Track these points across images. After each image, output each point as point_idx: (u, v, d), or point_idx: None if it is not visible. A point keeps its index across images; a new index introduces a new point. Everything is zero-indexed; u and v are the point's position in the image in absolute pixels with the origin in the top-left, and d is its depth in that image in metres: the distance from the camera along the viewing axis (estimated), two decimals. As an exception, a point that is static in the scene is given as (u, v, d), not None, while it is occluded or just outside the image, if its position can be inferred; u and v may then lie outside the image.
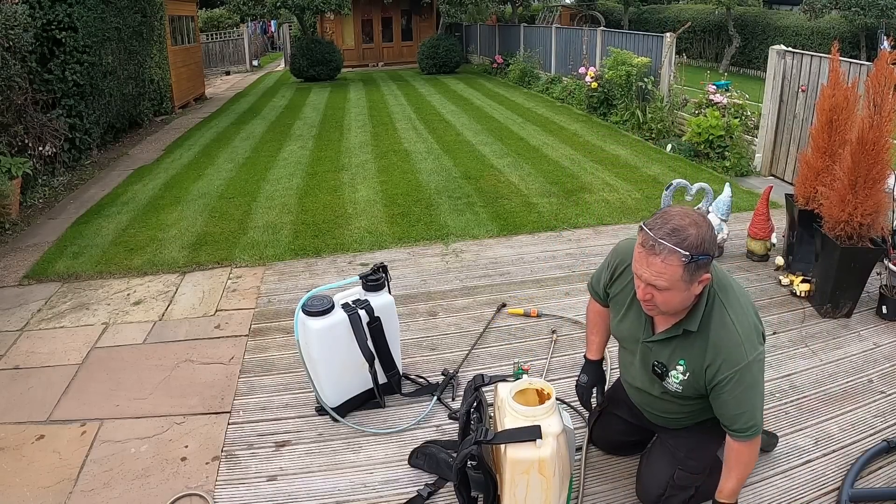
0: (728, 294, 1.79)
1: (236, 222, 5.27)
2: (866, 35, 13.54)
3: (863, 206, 3.19)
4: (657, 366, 1.91)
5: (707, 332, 1.78)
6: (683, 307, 1.77)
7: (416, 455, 2.39)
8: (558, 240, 4.69)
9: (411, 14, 20.52)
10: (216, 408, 2.79)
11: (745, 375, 1.73)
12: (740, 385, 1.73)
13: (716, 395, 1.79)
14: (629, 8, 20.17)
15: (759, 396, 1.77)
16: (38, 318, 3.71)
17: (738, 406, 1.75)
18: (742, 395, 1.74)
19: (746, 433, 1.75)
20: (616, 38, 9.88)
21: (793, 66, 5.87)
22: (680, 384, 1.87)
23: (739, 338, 1.73)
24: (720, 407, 1.80)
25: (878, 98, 3.09)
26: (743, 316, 1.77)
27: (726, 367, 1.74)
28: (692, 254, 1.62)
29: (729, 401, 1.76)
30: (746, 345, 1.73)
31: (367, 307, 2.62)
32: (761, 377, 1.77)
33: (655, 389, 1.98)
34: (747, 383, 1.74)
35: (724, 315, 1.76)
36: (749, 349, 1.73)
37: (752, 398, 1.75)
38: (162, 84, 10.69)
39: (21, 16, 6.03)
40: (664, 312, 1.79)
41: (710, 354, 1.77)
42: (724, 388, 1.75)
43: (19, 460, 2.48)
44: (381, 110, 11.04)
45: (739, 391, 1.74)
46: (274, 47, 27.42)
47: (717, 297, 1.78)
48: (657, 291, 1.69)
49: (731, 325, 1.75)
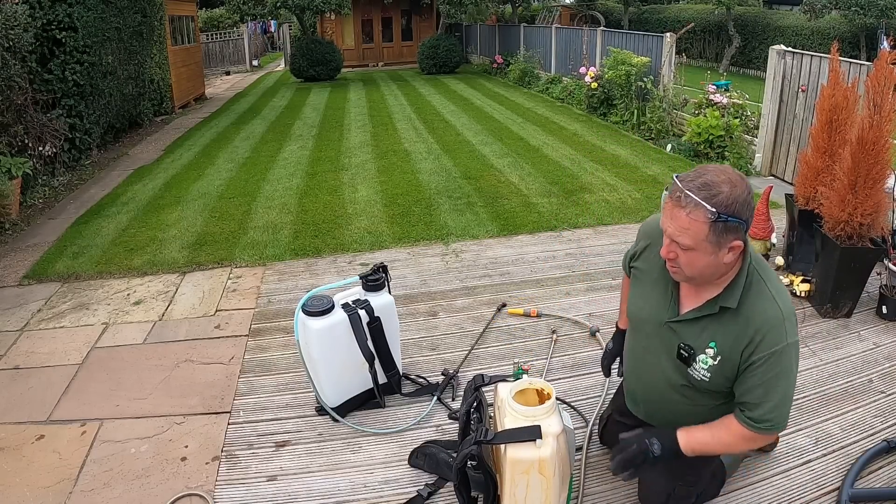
0: (767, 271, 1.67)
1: (236, 222, 5.27)
2: (866, 35, 13.54)
3: (863, 206, 3.19)
4: (683, 349, 1.74)
5: (746, 309, 1.63)
6: (711, 275, 1.63)
7: (416, 455, 2.39)
8: (558, 240, 4.69)
9: (411, 14, 20.52)
10: (216, 408, 2.79)
11: (782, 359, 1.60)
12: (774, 368, 1.60)
13: (744, 379, 1.65)
14: (629, 8, 20.18)
15: (790, 388, 1.63)
16: (38, 318, 3.71)
17: (765, 393, 1.61)
18: (773, 382, 1.60)
19: (763, 424, 1.62)
20: (616, 38, 9.88)
21: (793, 66, 5.87)
22: (708, 370, 1.71)
23: (782, 315, 1.60)
24: (746, 392, 1.65)
25: (877, 98, 3.09)
26: (784, 294, 1.64)
27: (764, 347, 1.60)
28: (719, 212, 1.49)
29: (757, 385, 1.62)
30: (787, 324, 1.60)
31: (367, 307, 2.62)
32: (795, 368, 1.64)
33: (676, 379, 1.81)
34: (782, 369, 1.60)
35: (764, 290, 1.63)
36: (790, 330, 1.61)
37: (783, 387, 1.61)
38: (162, 84, 10.69)
39: (21, 16, 6.03)
40: (689, 278, 1.65)
41: (749, 331, 1.62)
42: (756, 371, 1.62)
43: (19, 460, 2.48)
44: (381, 110, 11.04)
45: (772, 375, 1.60)
46: (274, 47, 27.42)
47: (756, 273, 1.65)
48: (681, 251, 1.58)
49: (773, 300, 1.62)
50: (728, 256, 1.58)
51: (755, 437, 1.68)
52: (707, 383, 1.73)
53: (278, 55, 24.93)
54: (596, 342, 3.20)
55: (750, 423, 1.65)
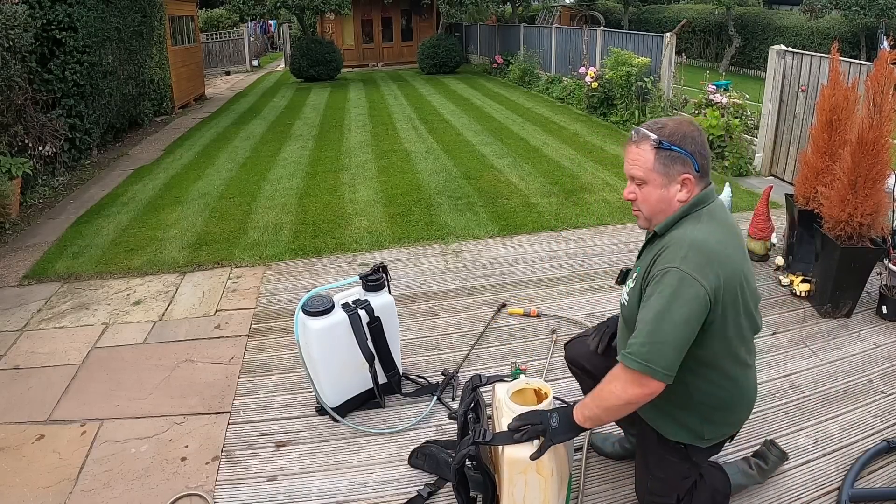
0: (710, 220, 1.64)
1: (236, 222, 5.27)
2: (866, 35, 13.54)
3: (863, 206, 3.19)
4: (622, 274, 1.91)
5: (668, 235, 1.66)
6: (664, 212, 1.67)
7: (416, 455, 2.39)
8: (558, 240, 4.69)
9: (411, 14, 20.52)
10: (216, 408, 2.79)
11: (664, 280, 1.56)
12: (656, 289, 1.58)
13: (645, 300, 1.63)
14: (629, 8, 20.18)
15: (666, 323, 1.53)
16: (38, 318, 3.71)
17: (641, 319, 1.59)
18: (651, 304, 1.57)
19: (628, 353, 1.56)
20: (616, 38, 9.88)
21: (793, 66, 5.87)
22: (629, 293, 1.74)
23: (686, 247, 1.58)
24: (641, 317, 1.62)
25: (877, 98, 3.09)
26: (710, 234, 1.61)
27: (658, 264, 1.61)
28: (661, 138, 1.60)
29: (642, 308, 1.61)
30: (689, 255, 1.56)
31: (367, 307, 2.62)
32: (680, 309, 1.53)
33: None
34: (664, 294, 1.55)
35: (693, 224, 1.63)
36: (688, 263, 1.55)
37: (658, 315, 1.54)
38: (162, 84, 10.70)
39: (21, 16, 6.03)
40: (648, 219, 1.70)
41: (656, 250, 1.66)
42: (646, 291, 1.62)
43: (19, 460, 2.48)
44: (381, 110, 11.04)
45: (653, 297, 1.57)
46: (274, 47, 27.43)
47: (701, 215, 1.65)
48: (638, 189, 1.67)
49: (688, 234, 1.61)
50: (681, 193, 1.64)
51: (620, 375, 1.60)
52: (627, 308, 1.75)
53: (278, 55, 24.93)
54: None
55: (621, 355, 1.60)
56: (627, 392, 1.58)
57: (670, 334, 1.53)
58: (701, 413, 1.75)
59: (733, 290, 1.60)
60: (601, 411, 1.66)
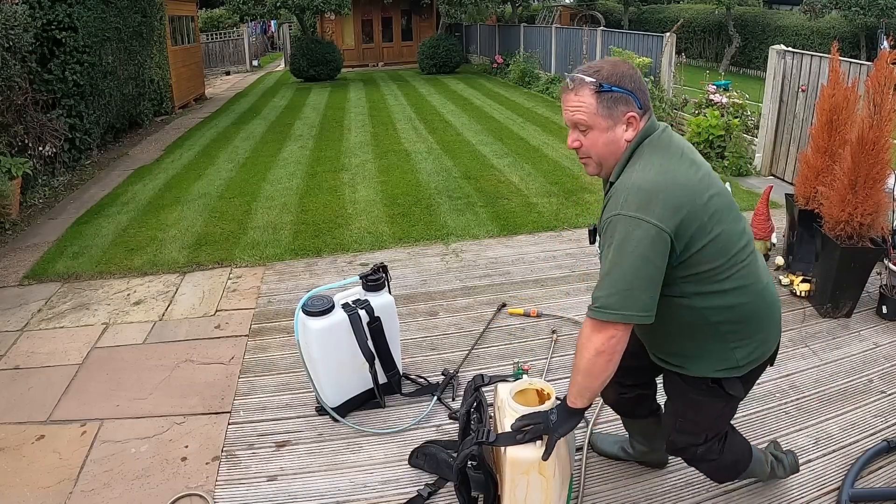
0: (655, 152, 1.59)
1: (236, 222, 5.27)
2: (866, 35, 13.55)
3: (863, 205, 3.19)
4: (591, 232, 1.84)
5: (618, 182, 1.60)
6: (613, 155, 1.62)
7: (417, 455, 2.39)
8: (558, 240, 4.69)
9: (411, 14, 20.52)
10: (216, 408, 2.79)
11: (612, 230, 1.54)
12: (606, 240, 1.56)
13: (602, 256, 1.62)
14: (629, 8, 20.18)
15: (624, 269, 1.50)
16: (38, 318, 3.71)
17: (602, 270, 1.57)
18: (606, 255, 1.55)
19: (595, 306, 1.54)
20: (616, 38, 9.89)
21: (793, 66, 5.87)
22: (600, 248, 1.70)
23: (625, 191, 1.54)
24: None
25: (878, 98, 3.09)
26: (654, 168, 1.55)
27: (604, 216, 1.59)
28: (600, 81, 1.57)
29: (602, 261, 1.59)
30: (629, 199, 1.52)
31: (367, 307, 2.62)
32: (633, 252, 1.50)
33: None
34: (615, 243, 1.52)
35: (639, 163, 1.58)
36: (629, 206, 1.51)
37: (613, 264, 1.52)
38: (162, 84, 10.70)
39: (21, 16, 6.03)
40: (598, 166, 1.66)
41: (605, 203, 1.64)
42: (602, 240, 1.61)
43: (19, 460, 2.48)
44: (381, 110, 11.04)
45: (606, 247, 1.56)
46: (274, 47, 27.42)
47: (645, 150, 1.60)
48: (582, 136, 1.62)
49: (629, 178, 1.57)
50: (628, 132, 1.60)
51: (592, 325, 1.56)
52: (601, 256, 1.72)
53: (278, 55, 24.93)
54: (596, 342, 3.19)
55: (589, 311, 1.57)
56: (604, 344, 1.54)
57: (632, 278, 1.50)
58: (727, 334, 1.66)
59: (696, 213, 1.53)
60: (585, 378, 1.60)
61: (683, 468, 2.28)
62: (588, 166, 1.70)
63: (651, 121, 1.63)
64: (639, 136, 1.61)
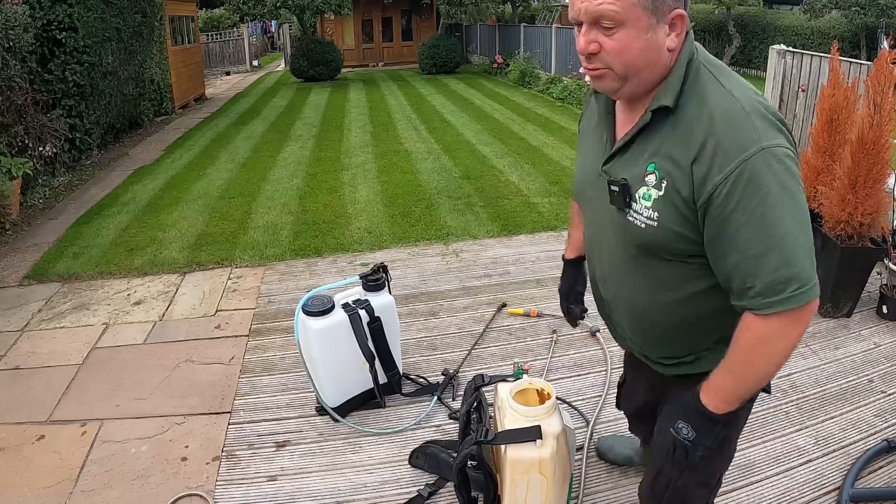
0: (721, 67, 1.19)
1: (237, 222, 5.27)
2: (866, 35, 13.55)
3: (863, 205, 3.19)
4: (616, 188, 1.22)
5: (689, 108, 1.14)
6: (649, 68, 1.14)
7: (417, 455, 2.39)
8: (559, 240, 4.69)
9: (411, 14, 20.53)
10: (216, 408, 2.79)
11: (763, 174, 1.04)
12: (756, 194, 1.05)
13: (716, 227, 1.10)
14: (629, 8, 20.14)
15: (803, 220, 1.08)
16: (38, 318, 3.71)
17: (758, 239, 1.06)
18: (764, 216, 1.05)
19: (789, 289, 1.06)
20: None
21: (793, 66, 5.87)
22: (653, 208, 1.17)
23: (742, 108, 1.09)
24: (726, 253, 1.10)
25: (878, 97, 3.09)
26: (747, 88, 1.15)
27: (724, 157, 1.06)
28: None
29: (740, 232, 1.07)
30: (756, 120, 1.07)
31: (367, 307, 2.62)
32: (797, 190, 1.07)
33: (624, 247, 1.29)
34: (769, 191, 1.04)
35: (713, 83, 1.15)
36: (763, 129, 1.07)
37: (782, 221, 1.05)
38: (162, 84, 10.70)
39: (21, 16, 6.03)
40: (621, 81, 1.16)
41: (698, 134, 1.11)
42: (727, 205, 1.07)
43: (20, 460, 2.48)
44: (382, 110, 11.04)
45: (755, 206, 1.05)
46: (274, 47, 27.43)
47: (703, 68, 1.17)
48: (606, 36, 1.11)
49: (729, 94, 1.12)
50: (670, 38, 1.14)
51: (787, 318, 1.09)
52: (656, 232, 1.18)
53: (278, 55, 24.94)
54: (596, 342, 3.20)
55: (766, 302, 1.08)
56: (794, 338, 1.13)
57: (809, 231, 1.09)
58: None
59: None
60: (758, 382, 1.18)
61: (683, 468, 2.28)
62: (603, 79, 1.17)
63: (690, 35, 1.20)
64: (687, 50, 1.17)
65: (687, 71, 1.16)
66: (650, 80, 1.17)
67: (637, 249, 1.26)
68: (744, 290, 1.11)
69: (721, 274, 1.15)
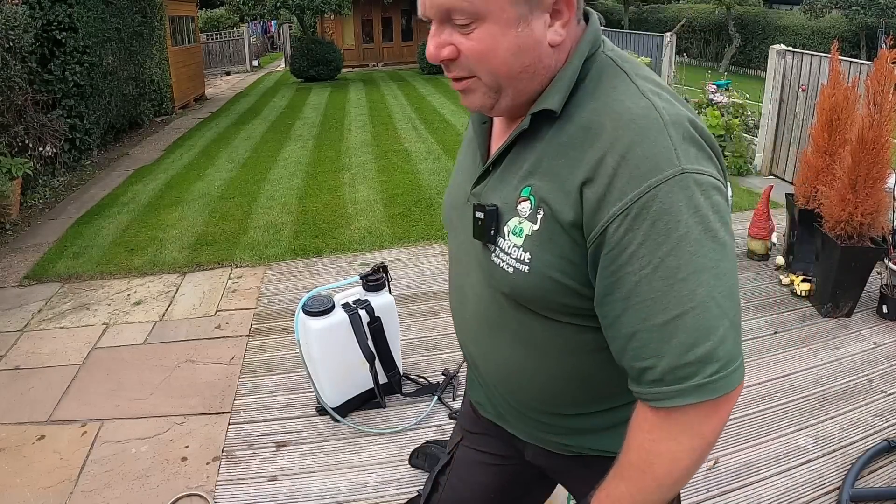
0: (638, 66, 0.87)
1: (237, 222, 5.27)
2: (866, 34, 13.55)
3: (863, 205, 3.19)
4: (481, 216, 0.90)
5: (583, 111, 0.83)
6: (525, 72, 0.83)
7: (417, 455, 2.39)
8: (558, 240, 4.68)
9: (411, 14, 20.52)
10: (217, 408, 2.79)
11: (680, 208, 0.74)
12: (667, 235, 0.74)
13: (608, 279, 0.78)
14: (629, 8, 20.18)
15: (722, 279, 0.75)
16: (38, 318, 3.71)
17: (666, 301, 0.74)
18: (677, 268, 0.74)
19: (690, 381, 0.75)
20: (616, 37, 9.88)
21: (793, 66, 5.87)
22: (525, 246, 0.85)
23: (659, 116, 0.78)
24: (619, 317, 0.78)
25: (878, 97, 3.09)
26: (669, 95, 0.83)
27: (628, 177, 0.75)
28: None
29: (640, 288, 0.75)
30: (676, 133, 0.77)
31: (367, 307, 2.62)
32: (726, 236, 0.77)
33: (489, 292, 0.96)
34: (686, 233, 0.74)
35: (621, 82, 0.83)
36: (684, 148, 0.76)
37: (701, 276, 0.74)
38: (162, 84, 10.70)
39: (21, 16, 6.04)
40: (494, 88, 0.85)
41: (591, 147, 0.80)
42: (625, 247, 0.76)
43: (20, 461, 2.48)
44: (382, 110, 11.04)
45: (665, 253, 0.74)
46: (274, 47, 27.44)
47: (610, 64, 0.86)
48: (462, 35, 0.82)
49: (641, 95, 0.80)
50: (554, 30, 0.83)
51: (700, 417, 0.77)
52: (527, 279, 0.85)
53: (278, 55, 24.94)
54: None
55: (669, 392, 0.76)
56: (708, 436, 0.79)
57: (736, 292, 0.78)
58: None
59: None
60: (660, 493, 0.83)
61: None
62: (472, 93, 0.87)
63: (593, 22, 0.88)
64: (586, 42, 0.85)
65: (585, 68, 0.85)
66: (532, 89, 0.86)
67: (506, 300, 0.92)
68: (641, 372, 0.78)
69: (613, 345, 0.81)
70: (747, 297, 3.64)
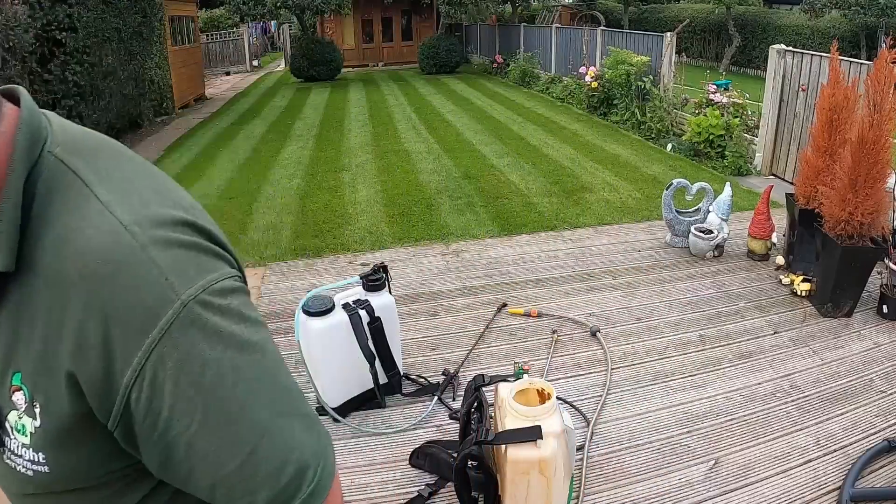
0: (98, 154, 0.68)
1: (237, 222, 5.27)
2: (866, 34, 13.55)
3: (863, 205, 3.19)
4: None
5: (46, 258, 0.62)
6: None
7: (417, 455, 2.39)
8: (559, 239, 4.69)
9: (411, 14, 20.53)
10: (217, 408, 2.78)
11: (198, 345, 0.61)
12: (198, 382, 0.61)
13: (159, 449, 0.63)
14: (629, 7, 20.18)
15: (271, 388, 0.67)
16: (38, 318, 3.71)
17: (230, 446, 0.63)
18: (221, 410, 0.63)
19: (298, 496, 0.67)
20: (616, 37, 9.88)
21: (793, 66, 5.87)
22: (34, 446, 0.65)
23: (132, 241, 0.61)
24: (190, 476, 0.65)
25: (878, 97, 3.09)
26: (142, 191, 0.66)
27: (125, 340, 0.60)
28: None
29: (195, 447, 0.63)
30: (160, 254, 0.61)
31: (367, 307, 2.62)
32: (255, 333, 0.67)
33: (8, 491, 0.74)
34: (217, 368, 0.62)
35: (80, 198, 0.63)
36: (174, 267, 0.62)
37: (251, 403, 0.64)
38: (162, 84, 10.70)
39: (21, 16, 6.04)
40: None
41: (66, 311, 0.60)
42: (158, 415, 0.61)
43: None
44: (382, 110, 11.05)
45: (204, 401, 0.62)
46: (274, 47, 27.43)
47: (61, 168, 0.64)
48: None
49: (105, 211, 0.62)
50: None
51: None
52: (54, 479, 0.67)
53: (278, 55, 24.95)
54: (596, 342, 3.20)
55: None
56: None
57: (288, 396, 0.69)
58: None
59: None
60: None
61: (683, 468, 2.29)
62: None
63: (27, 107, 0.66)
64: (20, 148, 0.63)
65: (30, 185, 0.63)
66: None
67: (42, 498, 0.72)
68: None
69: (199, 495, 0.68)
70: (748, 296, 3.65)
